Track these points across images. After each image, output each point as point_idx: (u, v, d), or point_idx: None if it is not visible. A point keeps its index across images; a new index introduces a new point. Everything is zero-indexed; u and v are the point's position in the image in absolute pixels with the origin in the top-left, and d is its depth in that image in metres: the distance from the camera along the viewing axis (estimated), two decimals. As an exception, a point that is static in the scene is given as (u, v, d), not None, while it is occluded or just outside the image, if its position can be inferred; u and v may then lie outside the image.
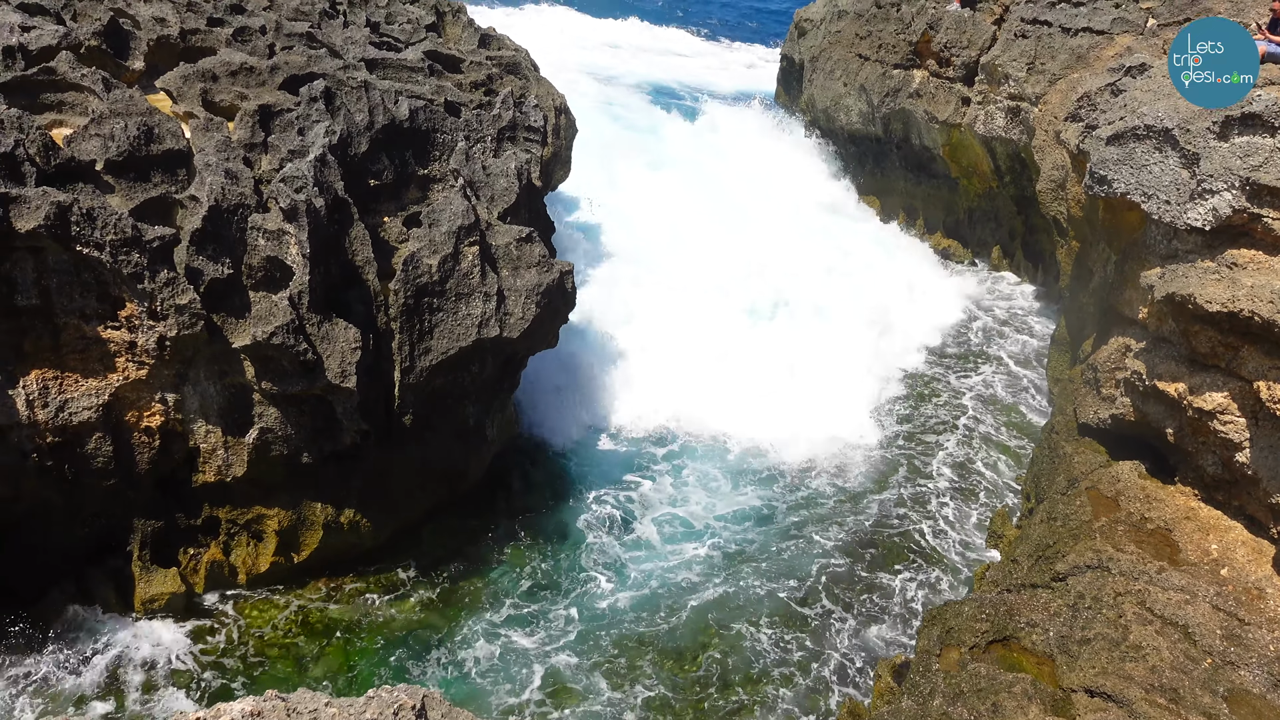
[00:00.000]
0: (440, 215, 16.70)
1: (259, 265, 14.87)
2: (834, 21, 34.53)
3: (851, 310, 26.13)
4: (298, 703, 6.07)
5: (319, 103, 16.70)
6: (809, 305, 26.10)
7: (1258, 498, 13.85)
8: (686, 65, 53.89)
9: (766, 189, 32.64)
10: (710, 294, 25.97)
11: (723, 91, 47.48)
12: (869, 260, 29.43)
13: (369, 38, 20.47)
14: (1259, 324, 13.00)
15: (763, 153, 35.40)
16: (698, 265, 26.76)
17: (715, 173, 33.24)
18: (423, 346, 16.43)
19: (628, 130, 36.22)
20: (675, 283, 26.08)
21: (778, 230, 29.92)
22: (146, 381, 14.72)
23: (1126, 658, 12.48)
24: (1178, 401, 14.72)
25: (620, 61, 51.63)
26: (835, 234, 31.20)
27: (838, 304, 26.36)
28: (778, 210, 31.38)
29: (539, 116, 20.49)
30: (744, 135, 37.07)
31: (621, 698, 14.76)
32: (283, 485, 16.18)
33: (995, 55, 27.39)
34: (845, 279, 27.95)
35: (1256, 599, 13.12)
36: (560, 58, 41.89)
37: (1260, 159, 13.50)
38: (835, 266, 28.64)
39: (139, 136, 14.60)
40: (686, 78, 50.50)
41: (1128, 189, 15.53)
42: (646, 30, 62.10)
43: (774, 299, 26.22)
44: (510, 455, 19.70)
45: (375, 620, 15.92)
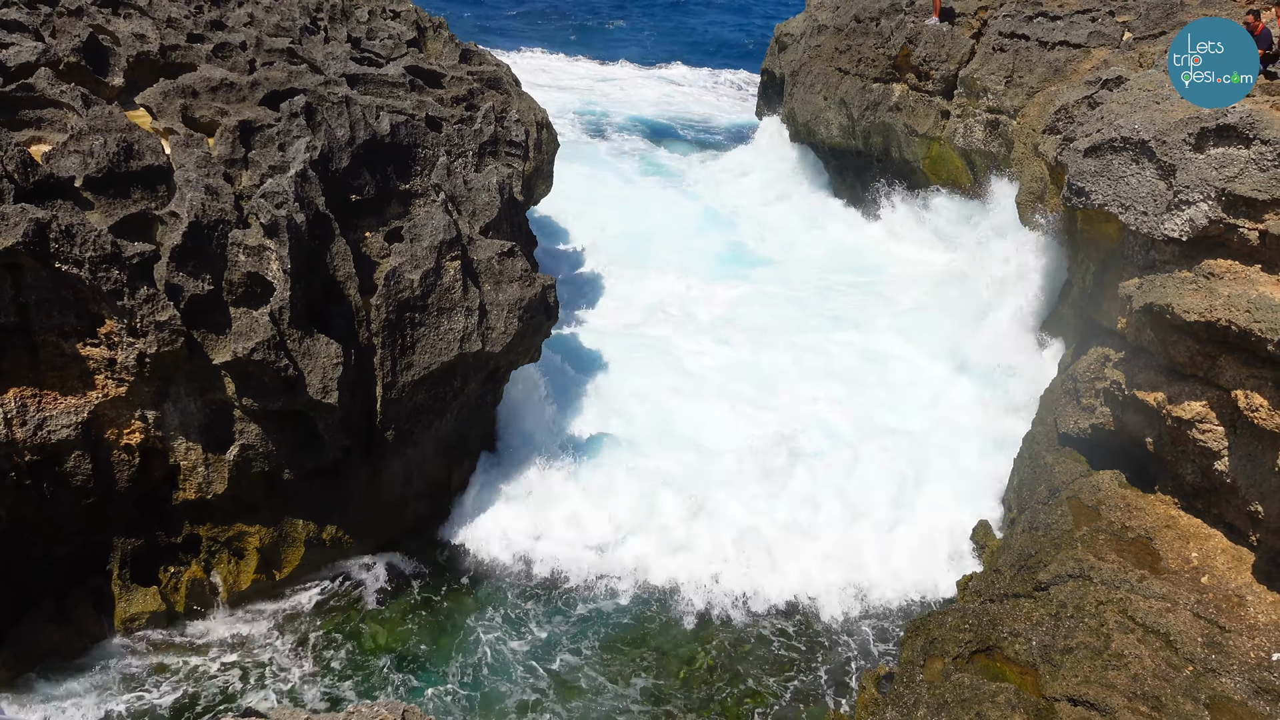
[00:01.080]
0: (422, 230, 16.71)
1: (240, 281, 14.83)
2: (814, 36, 34.72)
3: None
4: (278, 717, 6.03)
5: (300, 118, 16.70)
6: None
7: (1237, 505, 13.93)
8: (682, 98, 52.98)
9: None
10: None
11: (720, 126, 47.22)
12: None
13: (350, 53, 20.51)
14: (1236, 333, 13.09)
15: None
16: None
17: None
18: (405, 361, 16.41)
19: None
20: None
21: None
22: (126, 399, 14.65)
23: (1109, 666, 12.52)
24: (1157, 411, 14.81)
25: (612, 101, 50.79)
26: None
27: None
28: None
29: (520, 131, 20.55)
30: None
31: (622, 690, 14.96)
32: (264, 502, 16.10)
33: (974, 69, 27.59)
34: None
35: (1237, 606, 13.19)
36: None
37: (1235, 170, 13.62)
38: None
39: (118, 153, 14.56)
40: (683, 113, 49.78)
41: (1105, 200, 15.64)
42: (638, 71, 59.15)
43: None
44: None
45: (359, 633, 15.88)
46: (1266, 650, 12.49)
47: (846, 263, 30.28)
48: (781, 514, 18.46)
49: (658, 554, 17.62)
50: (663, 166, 40.26)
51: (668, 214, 33.85)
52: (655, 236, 31.93)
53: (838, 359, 24.02)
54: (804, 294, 27.93)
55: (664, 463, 19.74)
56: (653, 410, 21.70)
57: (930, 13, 29.61)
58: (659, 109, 49.27)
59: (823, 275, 29.45)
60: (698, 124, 47.14)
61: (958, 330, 23.87)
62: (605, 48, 62.55)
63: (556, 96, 45.66)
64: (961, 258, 27.75)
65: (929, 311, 25.91)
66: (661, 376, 22.94)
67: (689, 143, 44.14)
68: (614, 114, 47.69)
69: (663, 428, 21.16)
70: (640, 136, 44.56)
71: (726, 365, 23.71)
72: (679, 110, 49.23)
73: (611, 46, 63.27)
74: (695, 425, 21.26)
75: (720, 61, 60.24)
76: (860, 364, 23.88)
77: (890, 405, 22.08)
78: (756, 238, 32.08)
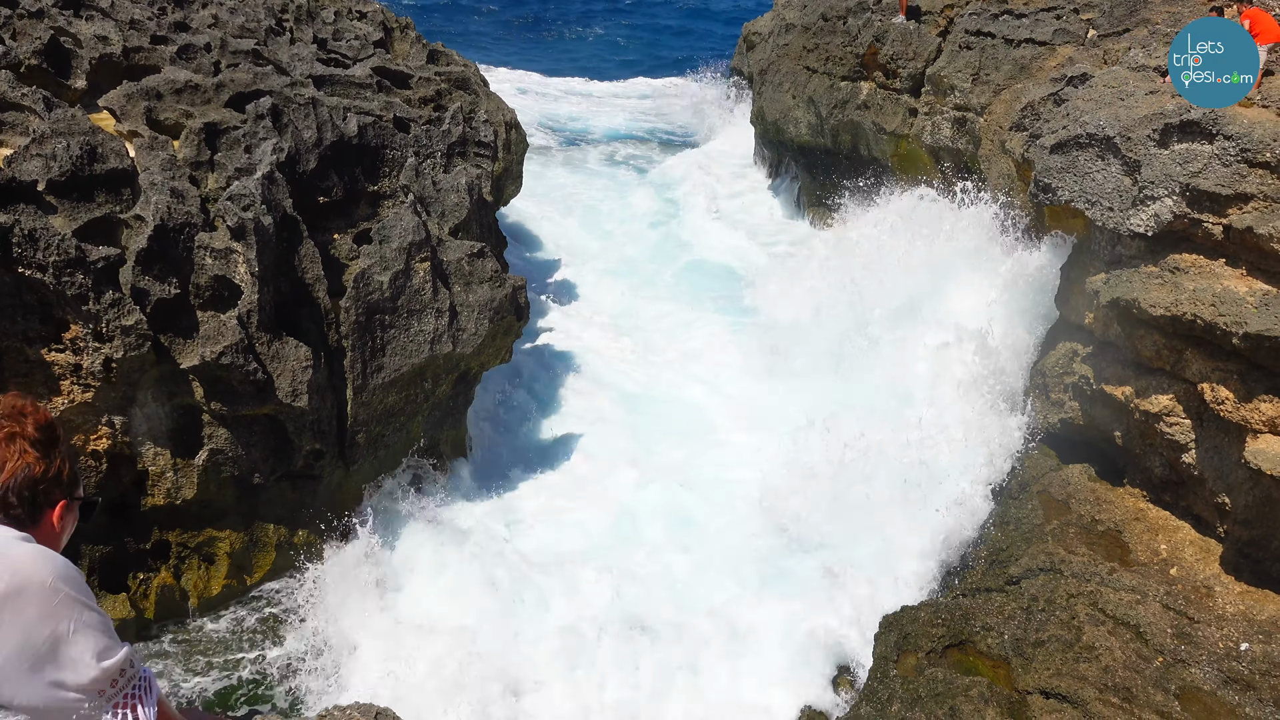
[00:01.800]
0: (391, 231, 16.62)
1: (207, 284, 14.70)
2: (781, 35, 34.80)
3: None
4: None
5: (266, 120, 16.57)
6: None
7: (1204, 497, 14.08)
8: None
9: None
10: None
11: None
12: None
13: (316, 54, 20.36)
14: (1201, 327, 13.23)
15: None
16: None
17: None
18: (375, 363, 16.32)
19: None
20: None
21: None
22: (92, 404, 14.48)
23: (1080, 658, 12.62)
24: (1125, 405, 14.94)
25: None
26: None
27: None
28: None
29: (489, 131, 20.49)
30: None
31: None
32: (234, 507, 15.97)
33: (941, 67, 27.73)
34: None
35: (1205, 597, 13.32)
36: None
37: (1199, 165, 13.75)
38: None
39: (82, 156, 14.39)
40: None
41: (1071, 196, 15.76)
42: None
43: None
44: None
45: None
46: (1235, 640, 12.63)
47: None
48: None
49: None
50: (636, 168, 40.35)
51: (628, 211, 34.06)
52: (620, 236, 32.07)
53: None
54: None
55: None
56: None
57: (897, 11, 29.74)
58: (633, 117, 49.13)
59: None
60: (671, 131, 47.01)
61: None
62: (567, 58, 62.16)
63: (524, 102, 45.37)
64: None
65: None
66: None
67: (661, 146, 44.18)
68: (585, 121, 47.56)
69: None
70: (612, 142, 44.52)
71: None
72: (650, 120, 49.06)
73: (578, 56, 63.06)
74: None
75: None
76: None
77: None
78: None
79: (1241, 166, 13.29)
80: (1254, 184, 13.08)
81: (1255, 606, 13.02)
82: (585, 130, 46.50)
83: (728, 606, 15.85)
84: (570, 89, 54.51)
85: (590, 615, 15.61)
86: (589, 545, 17.56)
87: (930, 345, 19.97)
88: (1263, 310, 12.61)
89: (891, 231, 24.33)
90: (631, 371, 23.88)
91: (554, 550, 17.37)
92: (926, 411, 18.22)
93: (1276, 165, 12.91)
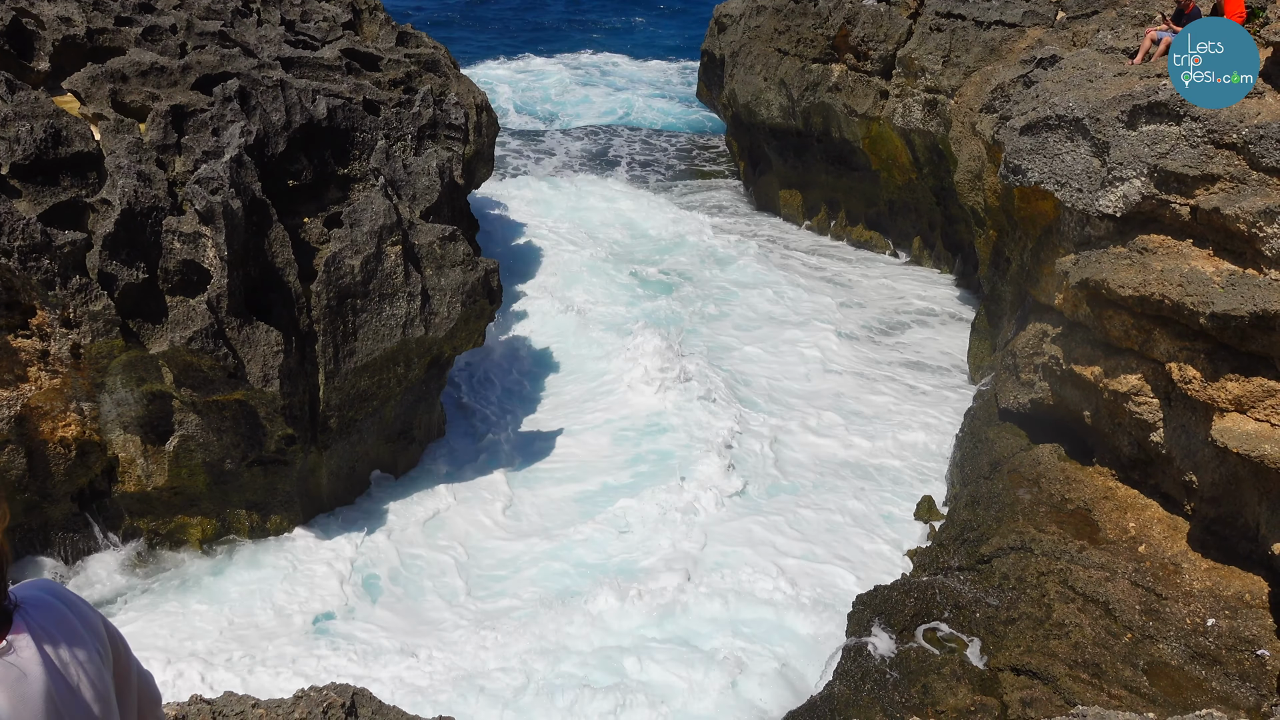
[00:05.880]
0: (361, 215, 16.50)
1: (175, 269, 14.56)
2: (753, 17, 34.73)
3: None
4: (224, 705, 5.95)
5: (234, 102, 16.39)
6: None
7: (1172, 476, 14.25)
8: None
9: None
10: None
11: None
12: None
13: (284, 36, 20.16)
14: (1169, 307, 13.36)
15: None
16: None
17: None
18: (347, 348, 16.22)
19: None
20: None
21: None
22: (60, 391, 14.35)
23: (1050, 635, 12.77)
24: (1094, 384, 15.08)
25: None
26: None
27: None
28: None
29: (460, 114, 20.35)
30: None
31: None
32: (206, 493, 15.88)
33: (911, 49, 27.79)
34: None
35: (1173, 574, 13.50)
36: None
37: (1167, 146, 13.86)
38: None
39: (46, 139, 14.21)
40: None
41: (1041, 178, 15.86)
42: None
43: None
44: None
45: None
46: (1201, 616, 12.81)
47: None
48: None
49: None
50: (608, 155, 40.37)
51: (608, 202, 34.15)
52: (598, 220, 32.08)
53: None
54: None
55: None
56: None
57: (868, -7, 29.79)
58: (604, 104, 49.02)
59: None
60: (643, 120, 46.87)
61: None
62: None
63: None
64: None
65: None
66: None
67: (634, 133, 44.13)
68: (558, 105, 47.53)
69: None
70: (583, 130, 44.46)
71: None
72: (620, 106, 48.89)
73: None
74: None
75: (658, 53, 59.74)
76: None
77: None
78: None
79: (1208, 147, 13.41)
80: (1220, 165, 13.20)
81: (1221, 583, 13.21)
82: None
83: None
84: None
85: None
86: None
87: None
88: (1229, 290, 12.75)
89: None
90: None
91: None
92: None
93: (1242, 146, 13.04)
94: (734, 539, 17.13)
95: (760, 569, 16.14)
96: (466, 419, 20.79)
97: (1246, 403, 12.81)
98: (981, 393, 18.97)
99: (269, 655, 14.29)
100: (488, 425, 20.56)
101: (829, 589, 15.77)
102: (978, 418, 18.12)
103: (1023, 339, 17.13)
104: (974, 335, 22.87)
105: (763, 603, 15.40)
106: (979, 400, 18.80)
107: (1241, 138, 13.01)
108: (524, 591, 15.99)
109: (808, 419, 21.19)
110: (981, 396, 18.79)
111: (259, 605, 15.33)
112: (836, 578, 16.11)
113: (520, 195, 33.91)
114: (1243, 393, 12.82)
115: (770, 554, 16.65)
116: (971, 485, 16.57)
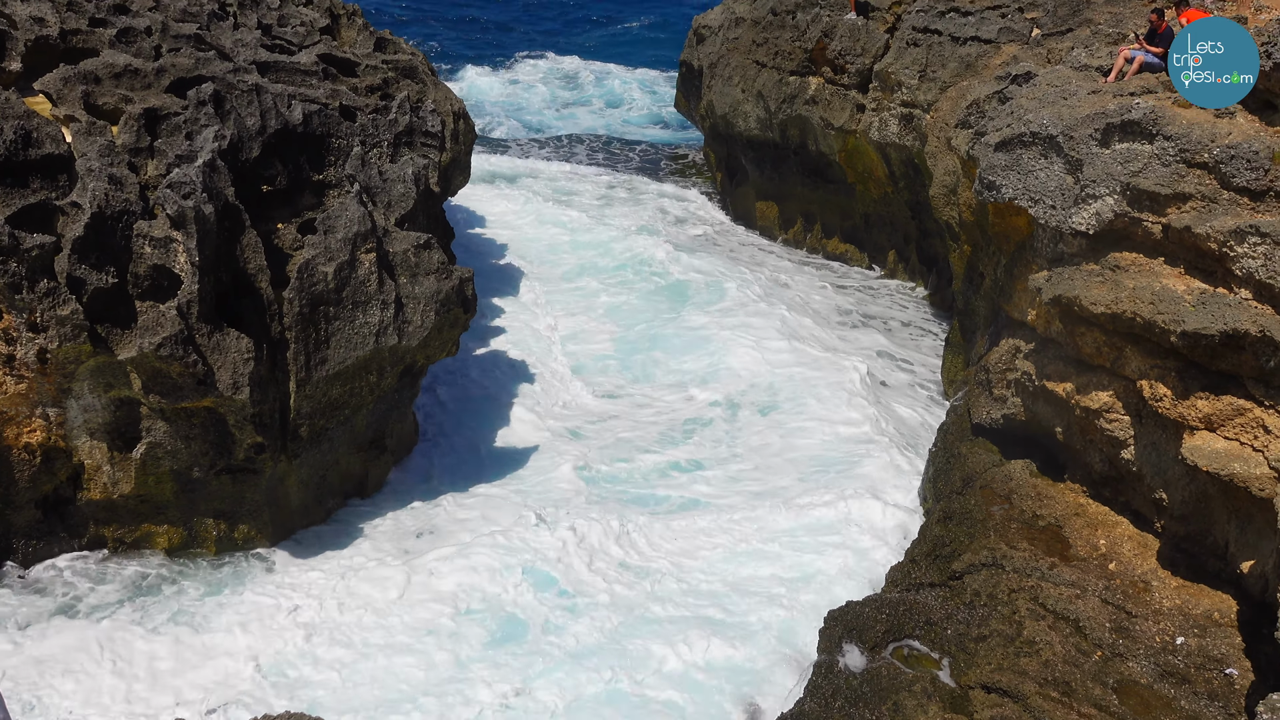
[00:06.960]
0: (336, 222, 16.37)
1: (145, 274, 14.41)
2: (732, 28, 34.82)
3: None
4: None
5: (208, 106, 16.25)
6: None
7: (1142, 493, 14.32)
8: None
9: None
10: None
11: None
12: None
13: (260, 40, 20.03)
14: (1141, 324, 13.43)
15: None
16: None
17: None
18: (319, 356, 16.08)
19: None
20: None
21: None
22: (26, 396, 14.16)
23: (1021, 653, 12.79)
24: (1066, 401, 15.14)
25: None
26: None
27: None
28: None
29: (436, 121, 20.28)
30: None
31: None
32: (173, 501, 15.70)
33: (888, 63, 27.91)
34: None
35: (1143, 592, 13.55)
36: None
37: (1139, 165, 13.94)
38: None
39: (16, 141, 14.04)
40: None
41: (1015, 194, 15.92)
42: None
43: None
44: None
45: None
46: (1171, 634, 12.86)
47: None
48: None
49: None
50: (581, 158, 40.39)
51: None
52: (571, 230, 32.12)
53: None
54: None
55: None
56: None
57: (847, 7, 29.89)
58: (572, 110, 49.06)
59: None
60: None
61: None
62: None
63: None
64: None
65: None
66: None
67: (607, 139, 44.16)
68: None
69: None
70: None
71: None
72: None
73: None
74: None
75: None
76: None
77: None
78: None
79: (1180, 166, 13.49)
80: (1192, 184, 13.29)
81: (1191, 601, 13.27)
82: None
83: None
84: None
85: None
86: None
87: None
88: (1200, 308, 12.83)
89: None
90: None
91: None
92: None
93: (1214, 166, 13.13)
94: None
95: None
96: (438, 429, 20.67)
97: (1216, 421, 12.88)
98: (955, 407, 19.00)
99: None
100: (460, 435, 20.44)
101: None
102: (951, 433, 18.15)
103: (996, 354, 17.18)
104: (948, 350, 22.95)
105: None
106: (952, 415, 18.83)
107: (1213, 157, 13.10)
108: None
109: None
110: (955, 411, 18.82)
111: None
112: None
113: (497, 204, 33.83)
114: (1213, 411, 12.90)
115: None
116: (944, 501, 16.58)
